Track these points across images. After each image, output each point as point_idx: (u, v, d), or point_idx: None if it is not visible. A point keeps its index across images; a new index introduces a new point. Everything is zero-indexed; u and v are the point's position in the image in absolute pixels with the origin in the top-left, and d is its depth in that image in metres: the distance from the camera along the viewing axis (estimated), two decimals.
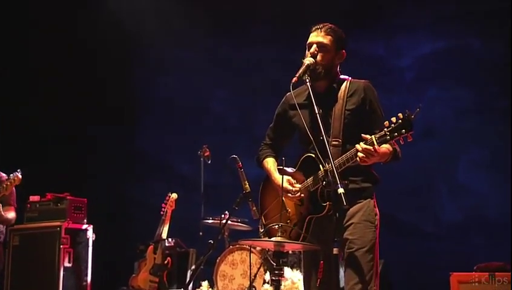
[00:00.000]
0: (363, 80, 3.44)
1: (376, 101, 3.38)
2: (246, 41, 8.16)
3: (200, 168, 6.66)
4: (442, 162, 7.38)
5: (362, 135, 3.10)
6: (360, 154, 3.07)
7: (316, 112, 3.13)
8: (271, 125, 3.71)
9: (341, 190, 2.88)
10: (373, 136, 3.04)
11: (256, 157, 3.73)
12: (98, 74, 8.12)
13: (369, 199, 3.36)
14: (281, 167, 3.48)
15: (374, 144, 3.04)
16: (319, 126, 3.09)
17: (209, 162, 6.67)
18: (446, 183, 7.40)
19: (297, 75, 3.26)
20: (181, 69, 8.32)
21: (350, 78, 3.45)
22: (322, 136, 3.06)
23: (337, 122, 3.30)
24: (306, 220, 3.33)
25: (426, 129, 7.31)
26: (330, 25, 3.37)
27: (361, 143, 3.08)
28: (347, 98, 3.35)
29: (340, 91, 3.38)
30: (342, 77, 3.46)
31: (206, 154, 6.66)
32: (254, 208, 3.66)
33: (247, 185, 3.81)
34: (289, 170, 3.49)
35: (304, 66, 3.30)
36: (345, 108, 3.33)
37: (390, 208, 7.41)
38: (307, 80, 3.26)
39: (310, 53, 3.34)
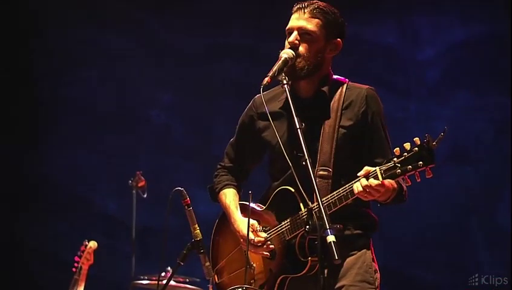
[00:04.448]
0: (365, 86, 3.50)
1: (382, 117, 3.44)
2: (200, 23, 8.20)
3: (132, 205, 6.66)
4: (477, 197, 7.48)
5: (365, 168, 3.12)
6: (359, 188, 3.10)
7: (297, 126, 3.17)
8: (232, 140, 3.76)
9: (331, 238, 2.91)
10: (377, 168, 3.10)
11: (210, 187, 3.77)
12: None
13: (365, 250, 3.42)
14: (245, 203, 3.53)
15: (378, 179, 3.08)
16: (302, 147, 3.12)
17: (145, 195, 6.66)
18: (482, 228, 7.50)
19: (270, 74, 3.31)
20: (105, 61, 8.30)
21: (347, 80, 3.52)
22: (306, 161, 3.08)
23: (327, 144, 3.37)
24: (278, 282, 3.38)
25: (456, 151, 7.42)
26: (318, 4, 3.45)
27: (362, 179, 3.11)
28: (342, 109, 3.41)
29: (333, 99, 3.44)
30: (336, 77, 3.52)
31: (140, 184, 6.65)
32: (207, 264, 3.68)
33: (198, 230, 3.83)
34: (256, 207, 3.54)
35: (280, 62, 3.35)
36: (339, 124, 3.39)
37: (402, 263, 7.49)
38: (284, 81, 3.32)
39: (290, 42, 3.40)
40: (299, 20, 3.41)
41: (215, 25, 8.15)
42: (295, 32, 3.40)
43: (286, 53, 3.37)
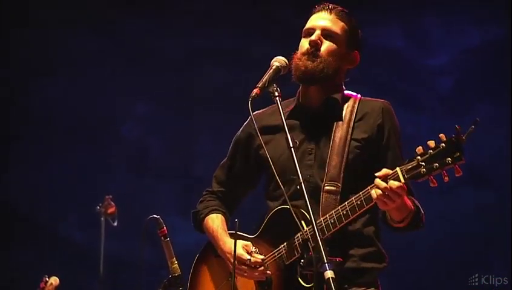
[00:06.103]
0: (380, 100, 3.58)
1: (398, 135, 3.51)
2: (183, 23, 8.21)
3: (100, 234, 6.65)
4: (497, 225, 7.48)
5: (384, 169, 3.15)
6: (377, 191, 3.12)
7: (290, 144, 3.18)
8: (223, 162, 3.78)
9: (329, 274, 2.88)
10: (398, 168, 3.13)
11: (194, 212, 3.77)
12: None
13: (373, 289, 3.42)
14: (232, 232, 3.52)
15: (400, 180, 3.11)
16: (296, 168, 3.12)
17: (115, 224, 6.64)
18: (504, 260, 7.51)
19: (259, 85, 3.33)
20: (75, 66, 8.28)
21: (359, 95, 3.59)
22: (300, 185, 3.07)
23: (336, 158, 3.43)
24: None
25: (473, 173, 7.41)
26: (343, 8, 3.61)
27: (378, 180, 3.14)
28: (355, 122, 3.49)
29: (345, 110, 3.53)
30: (347, 92, 3.60)
31: (109, 210, 6.63)
32: None
33: (176, 265, 3.82)
34: (245, 236, 3.55)
35: (271, 70, 3.39)
36: (351, 137, 3.46)
37: None
38: (276, 93, 3.33)
39: (312, 41, 3.50)
40: (324, 20, 3.58)
41: (200, 26, 8.14)
42: (318, 32, 3.54)
43: (278, 61, 3.42)
